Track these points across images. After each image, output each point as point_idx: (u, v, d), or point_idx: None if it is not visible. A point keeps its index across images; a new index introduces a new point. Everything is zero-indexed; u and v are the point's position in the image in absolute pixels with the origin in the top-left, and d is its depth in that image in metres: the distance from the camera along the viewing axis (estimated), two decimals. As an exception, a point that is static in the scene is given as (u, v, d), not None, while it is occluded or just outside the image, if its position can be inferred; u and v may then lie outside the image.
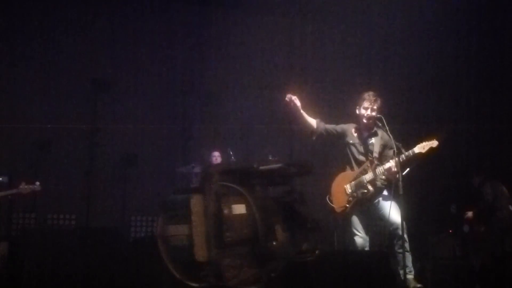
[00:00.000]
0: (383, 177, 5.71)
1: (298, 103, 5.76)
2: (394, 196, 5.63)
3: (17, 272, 5.95)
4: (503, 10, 8.45)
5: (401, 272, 5.43)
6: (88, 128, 8.53)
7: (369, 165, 5.74)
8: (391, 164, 5.56)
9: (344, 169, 5.97)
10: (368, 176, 5.71)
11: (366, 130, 5.93)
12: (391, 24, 9.31)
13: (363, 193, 5.72)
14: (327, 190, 6.01)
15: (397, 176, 5.46)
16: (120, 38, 9.24)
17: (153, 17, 9.43)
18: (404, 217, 5.48)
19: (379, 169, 5.67)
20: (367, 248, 5.90)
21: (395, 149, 5.49)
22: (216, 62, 9.69)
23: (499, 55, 8.77)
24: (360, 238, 5.90)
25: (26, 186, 7.10)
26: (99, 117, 8.68)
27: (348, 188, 5.84)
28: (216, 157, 8.83)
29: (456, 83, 9.18)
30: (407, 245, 5.58)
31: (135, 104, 9.17)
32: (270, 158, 8.56)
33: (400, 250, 5.53)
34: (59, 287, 5.86)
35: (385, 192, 5.82)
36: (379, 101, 5.84)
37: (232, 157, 8.66)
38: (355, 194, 5.78)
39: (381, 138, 5.85)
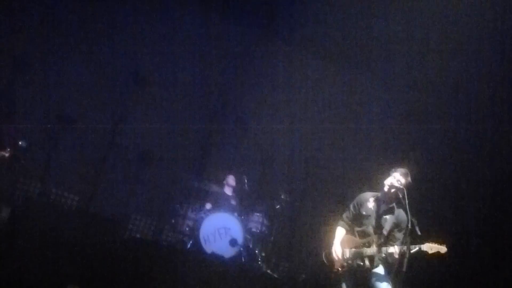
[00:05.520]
0: (383, 255, 5.61)
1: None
2: (395, 272, 5.53)
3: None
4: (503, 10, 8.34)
5: None
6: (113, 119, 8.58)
7: (375, 240, 5.66)
8: (395, 250, 5.46)
9: (352, 232, 5.88)
10: (370, 250, 5.63)
11: (385, 204, 5.81)
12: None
13: (359, 265, 5.66)
14: (326, 245, 5.96)
15: (398, 262, 5.40)
16: (149, 51, 9.30)
17: (193, 29, 9.53)
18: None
19: (383, 249, 5.58)
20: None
21: (409, 225, 5.39)
22: (251, 88, 9.72)
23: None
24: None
25: None
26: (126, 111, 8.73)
27: (347, 253, 5.77)
28: (231, 180, 8.79)
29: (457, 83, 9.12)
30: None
31: (163, 106, 9.20)
32: (282, 197, 8.60)
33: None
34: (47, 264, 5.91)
35: (382, 270, 5.69)
36: (408, 178, 5.75)
37: (246, 185, 8.63)
38: (350, 262, 5.72)
39: (396, 217, 5.73)
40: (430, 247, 5.41)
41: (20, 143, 7.37)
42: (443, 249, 5.42)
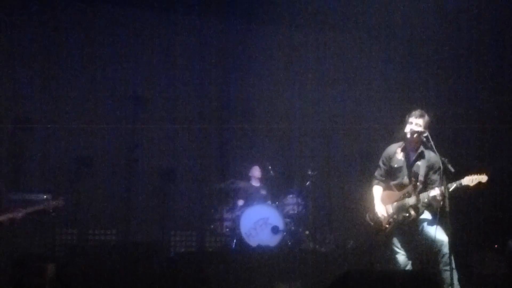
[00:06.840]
0: (426, 201, 5.59)
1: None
2: (440, 213, 5.53)
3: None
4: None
5: (447, 290, 5.33)
6: (127, 143, 8.61)
7: (413, 188, 5.65)
8: (436, 192, 5.44)
9: (389, 187, 5.89)
10: (411, 200, 5.61)
11: (413, 150, 5.79)
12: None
13: (404, 217, 5.64)
14: (367, 207, 5.97)
15: (441, 203, 5.37)
16: (158, 56, 9.35)
17: (191, 34, 9.55)
18: (449, 234, 5.38)
19: (423, 195, 5.57)
20: (409, 267, 5.80)
21: (441, 165, 5.38)
22: (252, 77, 9.71)
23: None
24: (402, 255, 5.80)
25: (51, 202, 6.93)
26: (137, 133, 8.77)
27: (390, 209, 5.76)
28: (256, 171, 8.83)
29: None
30: (453, 262, 5.46)
31: (172, 120, 9.21)
32: (309, 173, 8.61)
33: (446, 268, 5.41)
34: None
35: (428, 215, 5.69)
36: (426, 118, 5.72)
37: (271, 172, 8.66)
38: (395, 216, 5.71)
39: (428, 160, 5.71)
40: (470, 180, 5.37)
41: (45, 196, 7.41)
42: (484, 178, 5.37)
